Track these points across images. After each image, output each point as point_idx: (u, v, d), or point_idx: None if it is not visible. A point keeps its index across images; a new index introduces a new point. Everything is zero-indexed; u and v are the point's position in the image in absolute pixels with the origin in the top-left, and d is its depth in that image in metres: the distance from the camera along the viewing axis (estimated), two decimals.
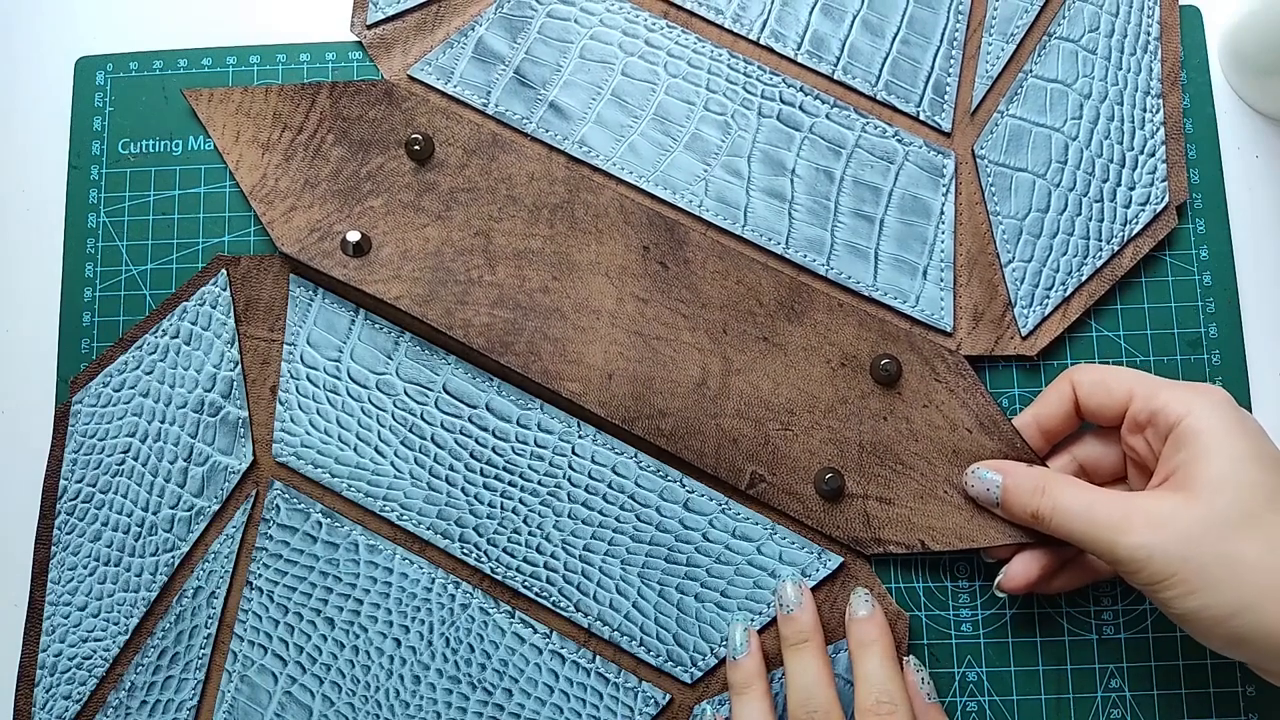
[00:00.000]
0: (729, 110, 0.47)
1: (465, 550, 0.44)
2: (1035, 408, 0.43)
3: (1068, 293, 0.46)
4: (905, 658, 0.43)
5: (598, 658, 0.44)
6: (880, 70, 0.47)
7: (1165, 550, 0.36)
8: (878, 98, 0.47)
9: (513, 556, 0.44)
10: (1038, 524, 0.40)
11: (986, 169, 0.46)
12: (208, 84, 0.49)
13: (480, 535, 0.44)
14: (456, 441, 0.45)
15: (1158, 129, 0.47)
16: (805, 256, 0.46)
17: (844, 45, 0.48)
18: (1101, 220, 0.46)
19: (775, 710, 0.41)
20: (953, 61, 0.47)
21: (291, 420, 0.45)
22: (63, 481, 0.46)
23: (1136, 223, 0.46)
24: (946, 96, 0.47)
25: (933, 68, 0.47)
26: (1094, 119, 0.47)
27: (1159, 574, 0.36)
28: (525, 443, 0.45)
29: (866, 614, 0.42)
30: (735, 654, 0.43)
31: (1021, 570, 0.42)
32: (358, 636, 0.44)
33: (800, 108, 0.47)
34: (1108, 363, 0.46)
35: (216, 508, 0.45)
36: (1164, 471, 0.39)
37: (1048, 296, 0.45)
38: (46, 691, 0.44)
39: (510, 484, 0.45)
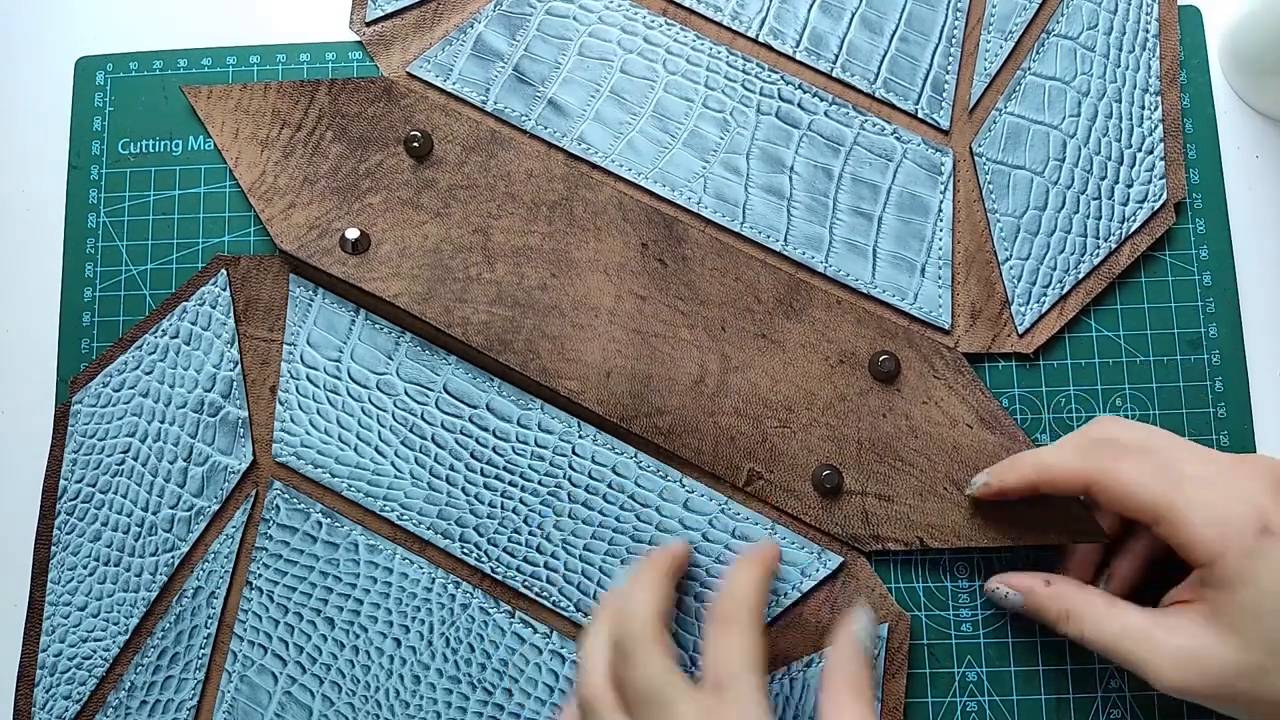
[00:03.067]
0: (728, 107, 0.47)
1: (465, 550, 0.44)
2: (1041, 470, 0.40)
3: (1064, 290, 0.45)
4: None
5: None
6: (879, 68, 0.47)
7: (1200, 690, 0.36)
8: (876, 95, 0.47)
9: (513, 556, 0.44)
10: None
11: (984, 166, 0.46)
12: (207, 84, 0.49)
13: (480, 535, 0.44)
14: (457, 441, 0.45)
15: (1156, 126, 0.47)
16: (804, 253, 0.46)
17: (843, 42, 0.48)
18: (1099, 218, 0.46)
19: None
20: (951, 59, 0.47)
21: (291, 420, 0.45)
22: (63, 481, 0.46)
23: (1134, 220, 0.46)
24: (945, 94, 0.47)
25: (931, 65, 0.47)
26: (1092, 116, 0.47)
27: (1199, 702, 0.37)
28: (525, 443, 0.45)
29: (862, 640, 0.39)
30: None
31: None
32: (358, 636, 0.44)
33: (799, 105, 0.47)
34: (1107, 364, 0.46)
35: (216, 508, 0.45)
36: (1190, 592, 0.38)
37: (1045, 294, 0.45)
38: (46, 691, 0.44)
39: (510, 484, 0.45)
